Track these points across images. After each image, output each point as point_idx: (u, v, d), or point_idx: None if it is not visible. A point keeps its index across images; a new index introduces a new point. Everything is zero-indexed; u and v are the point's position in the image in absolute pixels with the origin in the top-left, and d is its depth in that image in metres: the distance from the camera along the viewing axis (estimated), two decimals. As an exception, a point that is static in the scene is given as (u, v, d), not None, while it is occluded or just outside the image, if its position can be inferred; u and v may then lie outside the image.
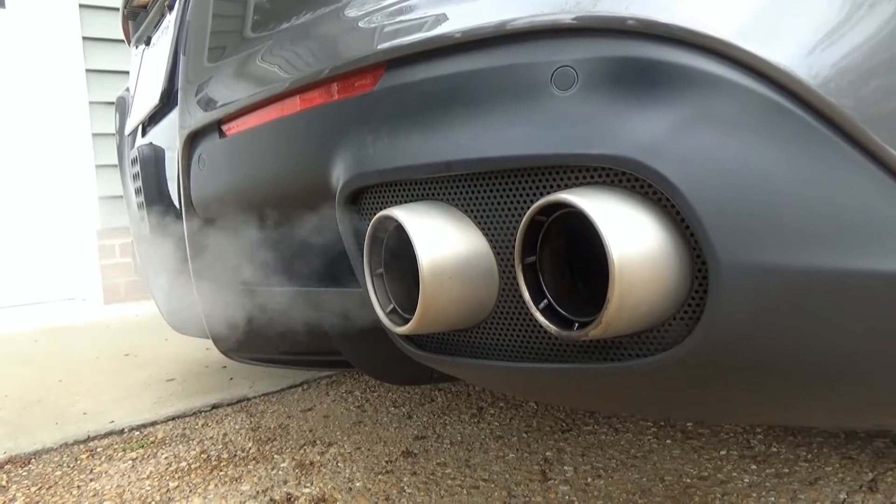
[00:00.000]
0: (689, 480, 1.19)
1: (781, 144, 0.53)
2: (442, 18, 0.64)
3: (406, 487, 1.22)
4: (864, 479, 1.15)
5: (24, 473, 1.39)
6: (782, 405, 0.61)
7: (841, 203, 0.53)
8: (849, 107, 0.53)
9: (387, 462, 1.34)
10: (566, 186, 0.58)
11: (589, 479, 1.21)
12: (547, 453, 1.33)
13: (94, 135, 3.49)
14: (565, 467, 1.27)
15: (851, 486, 1.14)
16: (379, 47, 0.67)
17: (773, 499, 1.11)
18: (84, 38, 3.44)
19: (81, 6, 3.42)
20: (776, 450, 1.29)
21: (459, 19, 0.63)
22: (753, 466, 1.23)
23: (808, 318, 0.54)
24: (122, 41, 1.83)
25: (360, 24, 0.71)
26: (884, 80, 0.54)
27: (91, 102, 3.47)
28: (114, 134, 1.97)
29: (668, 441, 1.36)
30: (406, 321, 0.65)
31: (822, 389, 0.58)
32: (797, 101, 0.54)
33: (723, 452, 1.30)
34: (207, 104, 0.94)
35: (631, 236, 0.52)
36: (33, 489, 1.31)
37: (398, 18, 0.67)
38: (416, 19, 0.66)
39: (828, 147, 0.54)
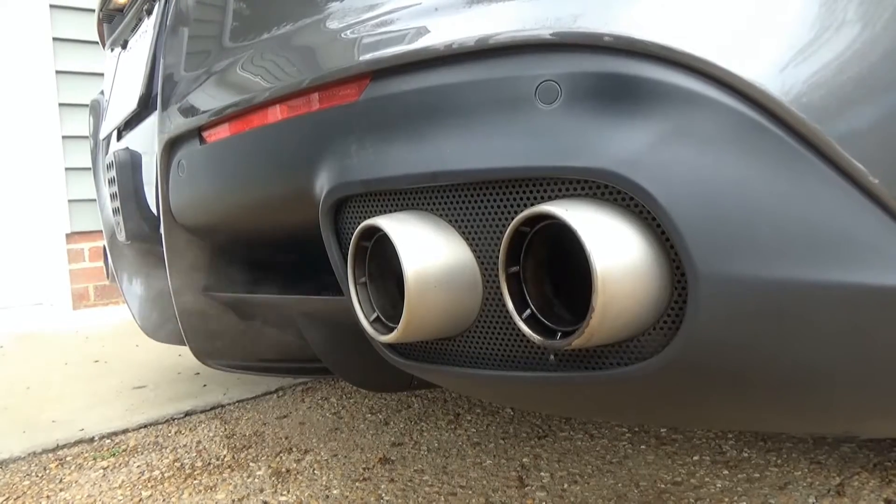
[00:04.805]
0: (663, 486, 1.21)
1: (756, 159, 0.55)
2: (427, 31, 0.65)
3: (384, 495, 1.22)
4: (832, 484, 1.18)
5: (-9, 483, 1.36)
6: (758, 412, 0.63)
7: (812, 216, 0.55)
8: (818, 122, 0.55)
9: (364, 469, 1.33)
10: (550, 198, 0.59)
11: (565, 486, 1.22)
12: (524, 459, 1.34)
13: (64, 137, 3.43)
14: (542, 473, 1.28)
15: (820, 490, 1.17)
16: (365, 58, 0.68)
17: (744, 503, 1.13)
18: (54, 39, 3.39)
19: (52, 6, 3.37)
20: (747, 455, 1.32)
21: (444, 32, 0.63)
22: (725, 471, 1.26)
23: (782, 328, 0.55)
24: (94, 42, 1.80)
25: (344, 35, 0.71)
26: (851, 98, 0.56)
27: (61, 104, 3.42)
28: (85, 136, 1.94)
29: (643, 447, 1.38)
30: (390, 330, 0.66)
31: (797, 397, 0.59)
32: (770, 117, 0.55)
33: (696, 458, 1.32)
34: (188, 110, 0.94)
35: (613, 248, 0.54)
36: (0, 500, 1.28)
37: (384, 30, 0.68)
38: (403, 31, 0.66)
39: (799, 162, 0.55)
